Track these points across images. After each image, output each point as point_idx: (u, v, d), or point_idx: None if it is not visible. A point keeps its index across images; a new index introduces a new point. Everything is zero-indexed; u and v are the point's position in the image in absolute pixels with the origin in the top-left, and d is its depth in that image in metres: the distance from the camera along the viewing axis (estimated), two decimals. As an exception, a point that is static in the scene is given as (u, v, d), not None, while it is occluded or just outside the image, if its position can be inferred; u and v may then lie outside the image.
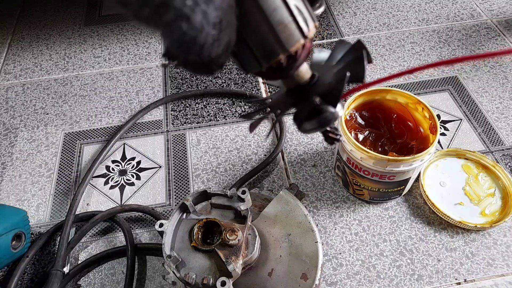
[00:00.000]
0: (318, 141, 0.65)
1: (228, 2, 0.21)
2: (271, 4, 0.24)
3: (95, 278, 0.52)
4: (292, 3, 0.24)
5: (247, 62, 0.26)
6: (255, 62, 0.26)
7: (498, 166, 0.57)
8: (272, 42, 0.25)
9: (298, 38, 0.25)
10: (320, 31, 0.84)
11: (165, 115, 0.70)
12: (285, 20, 0.24)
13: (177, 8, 0.18)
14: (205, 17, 0.20)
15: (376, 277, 0.51)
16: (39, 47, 0.84)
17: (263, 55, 0.25)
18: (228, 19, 0.22)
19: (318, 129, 0.30)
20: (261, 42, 0.25)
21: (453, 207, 0.55)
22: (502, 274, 0.51)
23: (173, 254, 0.40)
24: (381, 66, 0.76)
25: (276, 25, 0.24)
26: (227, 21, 0.21)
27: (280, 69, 0.27)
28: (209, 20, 0.20)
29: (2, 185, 0.62)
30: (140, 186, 0.61)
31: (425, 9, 0.87)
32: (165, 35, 0.20)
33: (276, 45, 0.25)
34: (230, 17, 0.22)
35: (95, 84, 0.76)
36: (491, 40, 0.79)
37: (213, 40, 0.21)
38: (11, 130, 0.69)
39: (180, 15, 0.19)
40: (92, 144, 0.67)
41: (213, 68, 0.24)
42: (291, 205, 0.48)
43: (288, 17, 0.24)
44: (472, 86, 0.72)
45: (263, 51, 0.25)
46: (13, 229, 0.51)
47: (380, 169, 0.49)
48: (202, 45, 0.21)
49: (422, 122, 0.54)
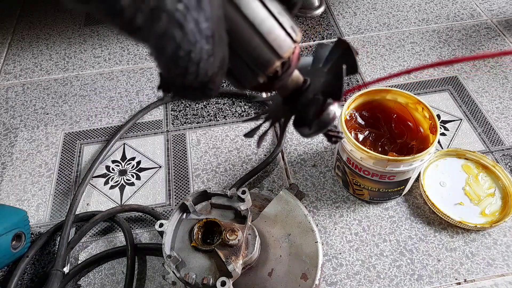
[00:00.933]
0: (318, 141, 0.65)
1: (218, 14, 0.21)
2: (258, 16, 0.24)
3: (95, 278, 0.52)
4: (275, 11, 0.25)
5: (244, 76, 0.27)
6: (252, 74, 0.26)
7: (498, 166, 0.57)
8: (266, 51, 0.25)
9: (290, 44, 0.26)
10: (320, 31, 0.84)
11: (165, 115, 0.70)
12: (274, 29, 0.25)
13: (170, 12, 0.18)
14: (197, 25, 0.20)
15: (376, 277, 0.51)
16: (39, 47, 0.84)
17: (259, 65, 0.26)
18: (220, 33, 0.22)
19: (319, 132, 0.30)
20: (256, 53, 0.25)
21: (453, 207, 0.55)
22: (502, 274, 0.51)
23: (173, 254, 0.40)
24: (381, 66, 0.76)
25: (266, 34, 0.25)
26: (219, 35, 0.22)
27: (275, 78, 0.27)
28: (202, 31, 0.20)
29: (2, 185, 0.62)
30: (140, 186, 0.61)
31: (425, 9, 0.87)
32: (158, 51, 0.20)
33: (271, 53, 0.25)
34: (221, 31, 0.22)
35: (95, 84, 0.76)
36: (491, 40, 0.79)
37: (208, 56, 0.21)
38: (11, 130, 0.69)
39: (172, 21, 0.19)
40: (92, 144, 0.67)
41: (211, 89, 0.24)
42: (291, 205, 0.48)
43: (276, 25, 0.25)
44: (472, 86, 0.72)
45: (259, 62, 0.26)
46: (13, 229, 0.51)
47: (380, 169, 0.49)
48: (197, 63, 0.21)
49: (422, 122, 0.54)
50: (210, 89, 0.24)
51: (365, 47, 0.80)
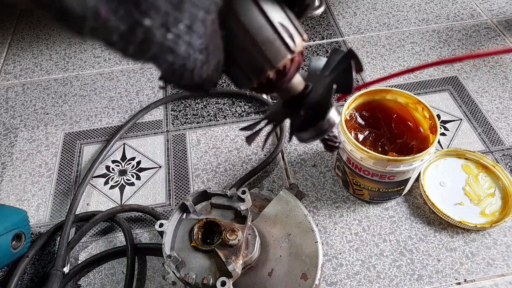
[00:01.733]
0: (318, 141, 0.65)
1: (212, 28, 0.21)
2: (256, 24, 0.24)
3: (95, 278, 0.52)
4: (276, 20, 0.25)
5: (239, 79, 0.28)
6: (246, 79, 0.27)
7: (498, 166, 0.57)
8: (260, 60, 0.25)
9: (285, 54, 0.26)
10: (320, 31, 0.84)
11: (165, 115, 0.70)
12: (270, 38, 0.25)
13: (159, 43, 0.19)
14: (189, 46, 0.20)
15: (376, 277, 0.51)
16: (39, 47, 0.84)
17: (252, 72, 0.26)
18: (214, 42, 0.22)
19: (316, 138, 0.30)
20: (250, 60, 0.25)
21: (453, 207, 0.55)
22: (502, 274, 0.51)
23: (173, 254, 0.40)
24: (381, 66, 0.76)
25: (261, 44, 0.25)
26: (213, 45, 0.22)
27: (270, 84, 0.27)
28: (195, 47, 0.21)
29: (2, 185, 0.62)
30: (140, 186, 0.61)
31: (425, 9, 0.87)
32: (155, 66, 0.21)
33: (264, 62, 0.26)
34: (216, 41, 0.23)
35: (95, 84, 0.76)
36: (491, 40, 0.79)
37: (202, 64, 0.22)
38: (11, 130, 0.69)
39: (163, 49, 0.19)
40: (92, 144, 0.67)
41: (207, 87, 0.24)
42: (291, 205, 0.48)
43: (273, 35, 0.25)
44: (472, 86, 0.72)
45: (252, 69, 0.26)
46: (13, 229, 0.51)
47: (380, 169, 0.49)
48: (192, 70, 0.22)
49: (422, 122, 0.54)
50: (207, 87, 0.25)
51: (365, 47, 0.80)
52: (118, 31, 0.18)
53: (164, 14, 0.18)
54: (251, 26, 0.24)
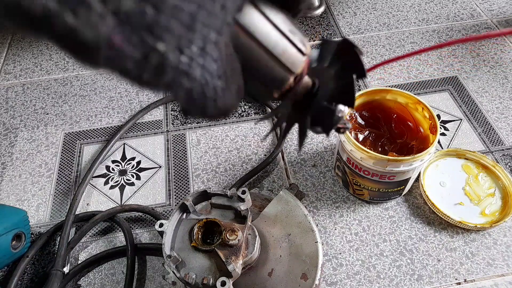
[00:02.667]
0: (318, 141, 0.65)
1: (227, 51, 0.21)
2: (272, 39, 0.25)
3: (95, 278, 0.52)
4: (286, 29, 0.25)
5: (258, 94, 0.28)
6: (267, 92, 0.27)
7: (498, 166, 0.57)
8: (281, 71, 0.26)
9: (301, 59, 0.27)
10: (320, 31, 0.84)
11: (165, 115, 0.70)
12: (287, 48, 0.25)
13: (174, 67, 0.19)
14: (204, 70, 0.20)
15: (376, 277, 0.51)
16: (39, 47, 0.84)
17: (273, 84, 0.27)
18: (232, 66, 0.22)
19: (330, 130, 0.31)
20: (271, 74, 0.26)
21: (453, 207, 0.55)
22: (502, 274, 0.51)
23: (173, 254, 0.40)
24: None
25: (280, 56, 0.25)
26: (231, 69, 0.22)
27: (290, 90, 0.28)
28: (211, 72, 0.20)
29: (2, 185, 0.62)
30: (140, 186, 0.61)
31: (425, 9, 0.87)
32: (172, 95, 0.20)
33: (285, 72, 0.26)
34: (234, 64, 0.22)
35: (95, 84, 0.76)
36: (491, 40, 0.79)
37: (223, 91, 0.22)
38: (11, 130, 0.69)
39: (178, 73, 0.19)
40: (92, 144, 0.67)
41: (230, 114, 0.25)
42: (291, 205, 0.48)
43: (288, 44, 0.25)
44: (472, 86, 0.72)
45: (273, 81, 0.27)
46: (13, 229, 0.51)
47: (380, 169, 0.49)
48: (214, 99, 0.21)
49: (422, 122, 0.54)
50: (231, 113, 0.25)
51: (365, 47, 0.80)
52: (133, 59, 0.17)
53: (178, 37, 0.18)
54: (269, 42, 0.25)
